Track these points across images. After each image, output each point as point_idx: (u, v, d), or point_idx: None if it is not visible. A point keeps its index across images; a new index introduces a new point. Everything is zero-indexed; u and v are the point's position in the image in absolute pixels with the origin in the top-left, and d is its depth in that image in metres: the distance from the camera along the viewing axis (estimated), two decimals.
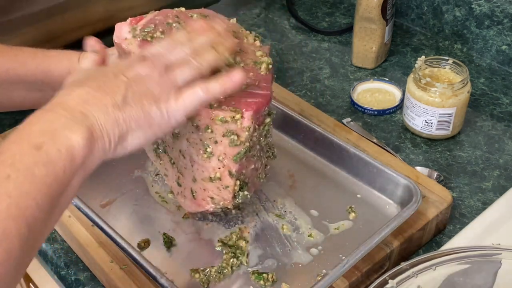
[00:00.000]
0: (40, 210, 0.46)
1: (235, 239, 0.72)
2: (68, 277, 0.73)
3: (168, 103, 0.55)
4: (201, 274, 0.68)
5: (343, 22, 1.20)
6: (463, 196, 0.82)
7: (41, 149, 0.47)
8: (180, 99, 0.56)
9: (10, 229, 0.43)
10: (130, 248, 0.66)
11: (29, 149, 0.47)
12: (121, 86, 0.54)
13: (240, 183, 0.67)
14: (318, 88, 1.03)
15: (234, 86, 0.58)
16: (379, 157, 0.80)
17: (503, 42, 1.03)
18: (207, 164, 0.65)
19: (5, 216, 0.43)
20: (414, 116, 0.89)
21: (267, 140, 0.71)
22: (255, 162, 0.68)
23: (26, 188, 0.45)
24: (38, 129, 0.49)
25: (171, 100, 0.56)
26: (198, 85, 0.57)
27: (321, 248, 0.72)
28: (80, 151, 0.49)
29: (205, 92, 0.57)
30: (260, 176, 0.71)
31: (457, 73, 0.89)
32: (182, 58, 0.58)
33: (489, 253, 0.60)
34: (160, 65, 0.57)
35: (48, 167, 0.47)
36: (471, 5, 1.05)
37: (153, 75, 0.55)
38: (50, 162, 0.47)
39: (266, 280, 0.67)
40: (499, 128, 0.93)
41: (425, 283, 0.59)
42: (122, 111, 0.53)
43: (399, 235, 0.70)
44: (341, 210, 0.76)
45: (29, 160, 0.46)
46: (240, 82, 0.58)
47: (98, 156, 0.51)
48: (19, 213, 0.44)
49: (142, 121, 0.54)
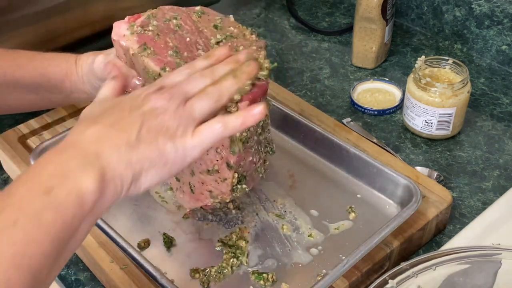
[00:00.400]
0: (46, 257, 0.44)
1: (235, 239, 0.72)
2: (68, 277, 0.73)
3: (184, 139, 0.52)
4: (201, 274, 0.68)
5: (343, 22, 1.21)
6: (463, 196, 0.82)
7: (50, 193, 0.45)
8: (197, 135, 0.53)
9: (14, 279, 0.42)
10: (130, 248, 0.66)
11: (38, 193, 0.45)
12: (135, 122, 0.51)
13: (238, 176, 0.67)
14: (318, 88, 1.03)
15: (255, 121, 0.55)
16: (379, 157, 0.80)
17: (503, 42, 1.03)
18: (204, 157, 0.65)
19: (10, 265, 0.42)
20: (414, 116, 0.89)
21: (265, 135, 0.71)
22: (253, 155, 0.68)
23: (33, 235, 0.43)
24: (49, 171, 0.47)
25: (188, 135, 0.52)
26: (217, 120, 0.54)
27: (321, 248, 0.72)
28: (90, 196, 0.47)
29: (224, 128, 0.54)
30: (259, 171, 0.71)
31: (457, 73, 0.89)
32: (202, 88, 0.55)
33: (489, 253, 0.60)
34: (179, 96, 0.54)
35: (56, 213, 0.45)
36: (471, 5, 1.05)
37: (170, 108, 0.52)
38: (59, 207, 0.45)
39: (266, 280, 0.67)
40: (499, 128, 0.93)
41: (425, 283, 0.59)
42: (136, 150, 0.50)
43: (399, 235, 0.70)
44: (341, 210, 0.76)
45: (38, 205, 0.44)
46: (261, 117, 0.55)
47: (109, 200, 0.49)
48: (24, 262, 0.42)
49: (156, 160, 0.51)
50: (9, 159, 0.83)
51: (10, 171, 0.85)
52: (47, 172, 0.47)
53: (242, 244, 0.72)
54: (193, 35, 0.68)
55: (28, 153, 0.81)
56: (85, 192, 0.46)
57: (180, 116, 0.52)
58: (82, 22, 1.00)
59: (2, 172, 0.87)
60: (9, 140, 0.86)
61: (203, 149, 0.53)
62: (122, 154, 0.49)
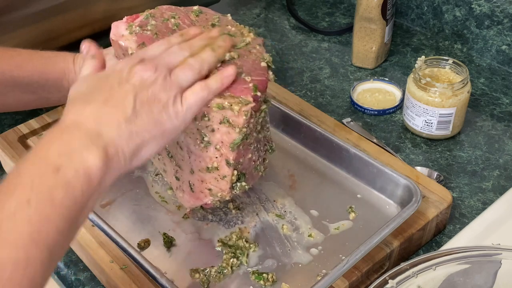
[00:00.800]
0: (60, 233, 0.46)
1: (235, 239, 0.72)
2: (68, 277, 0.73)
3: (176, 107, 0.56)
4: (201, 274, 0.68)
5: (343, 22, 1.21)
6: (463, 196, 0.82)
7: (59, 171, 0.47)
8: (186, 101, 0.57)
9: (33, 256, 0.44)
10: (130, 248, 0.66)
11: (47, 171, 0.47)
12: (128, 96, 0.54)
13: (238, 174, 0.67)
14: (318, 88, 1.03)
15: (230, 80, 0.61)
16: (379, 157, 0.80)
17: (503, 42, 1.03)
18: (204, 154, 0.65)
19: (28, 242, 0.43)
20: (414, 116, 0.89)
21: (265, 133, 0.71)
22: (252, 152, 0.68)
23: (47, 213, 0.45)
24: (55, 150, 0.49)
25: (178, 103, 0.56)
26: (199, 84, 0.58)
27: (321, 248, 0.72)
28: (97, 172, 0.49)
29: (206, 90, 0.58)
30: (258, 169, 0.71)
31: (457, 73, 0.89)
32: (182, 60, 0.59)
33: (489, 253, 0.60)
34: (163, 67, 0.57)
35: (67, 190, 0.47)
36: (471, 5, 1.05)
37: (158, 79, 0.56)
38: (69, 185, 0.47)
39: (266, 280, 0.67)
40: (499, 128, 0.93)
41: (425, 283, 0.59)
42: (134, 123, 0.53)
43: (399, 235, 0.70)
44: (341, 210, 0.76)
45: (48, 183, 0.46)
46: (233, 75, 0.61)
47: (114, 174, 0.52)
48: (41, 239, 0.44)
49: (154, 131, 0.54)
50: (9, 159, 0.83)
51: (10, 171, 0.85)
52: (53, 152, 0.48)
53: (242, 244, 0.72)
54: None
55: None
56: (92, 169, 0.48)
57: (169, 86, 0.56)
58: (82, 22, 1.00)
59: (2, 172, 0.87)
60: (9, 140, 0.86)
61: (193, 113, 0.58)
62: (122, 129, 0.52)
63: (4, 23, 0.90)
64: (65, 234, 0.47)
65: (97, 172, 0.49)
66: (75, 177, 0.47)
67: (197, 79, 0.59)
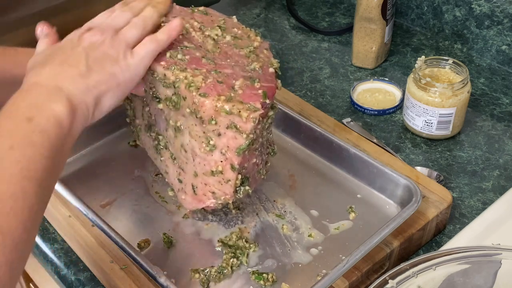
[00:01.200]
0: (46, 170, 0.51)
1: (235, 239, 0.72)
2: (68, 277, 0.73)
3: (126, 60, 0.61)
4: (201, 274, 0.68)
5: (343, 22, 1.21)
6: (463, 196, 0.82)
7: (32, 120, 0.52)
8: (136, 54, 0.62)
9: (28, 188, 0.49)
10: (130, 248, 0.66)
11: (21, 122, 0.52)
12: (81, 56, 0.59)
13: (242, 178, 0.67)
14: (318, 88, 1.03)
15: (177, 31, 0.65)
16: (379, 157, 0.80)
17: (503, 42, 1.03)
18: (209, 157, 0.65)
19: (21, 177, 0.49)
20: (414, 116, 0.89)
21: (268, 136, 0.71)
22: (257, 157, 0.68)
23: (30, 154, 0.51)
24: (25, 105, 0.54)
25: (128, 57, 0.61)
26: (148, 38, 0.63)
27: (321, 248, 0.72)
28: (65, 119, 0.55)
29: (155, 42, 0.63)
30: (261, 172, 0.71)
31: (457, 73, 0.89)
32: (126, 21, 0.64)
33: (489, 253, 0.60)
34: (109, 30, 0.62)
35: (43, 135, 0.52)
36: (471, 5, 1.05)
37: (105, 40, 0.61)
38: (44, 130, 0.52)
39: (266, 280, 0.67)
40: (499, 128, 0.93)
41: (425, 283, 0.59)
42: (89, 78, 0.58)
43: (399, 235, 0.70)
44: (341, 210, 0.76)
45: (26, 131, 0.52)
46: (180, 27, 0.65)
47: (81, 123, 0.57)
48: (31, 174, 0.50)
49: (110, 83, 0.60)
50: None
51: None
52: (22, 107, 0.54)
53: (242, 244, 0.72)
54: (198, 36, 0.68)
55: None
56: (60, 115, 0.54)
57: (117, 44, 0.61)
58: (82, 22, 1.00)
59: None
60: None
61: (145, 65, 0.63)
62: (78, 84, 0.57)
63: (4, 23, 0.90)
64: (50, 170, 0.52)
65: (65, 118, 0.55)
66: (47, 124, 0.53)
67: (143, 35, 0.63)
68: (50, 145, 0.53)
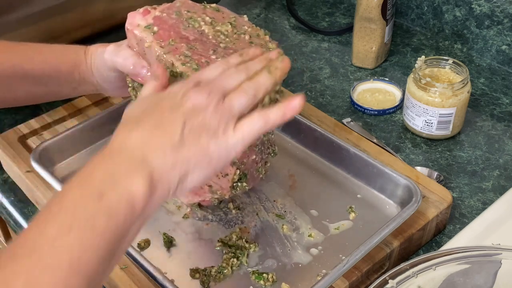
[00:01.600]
0: (101, 261, 0.45)
1: (235, 239, 0.72)
2: None
3: (226, 136, 0.53)
4: (201, 274, 0.68)
5: (343, 22, 1.21)
6: (463, 196, 0.82)
7: (102, 198, 0.46)
8: (239, 131, 0.53)
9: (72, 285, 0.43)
10: (130, 248, 0.66)
11: (90, 198, 0.46)
12: (178, 123, 0.51)
13: (240, 174, 0.67)
14: (318, 88, 1.03)
15: (295, 113, 0.56)
16: (379, 157, 0.80)
17: (503, 42, 1.03)
18: None
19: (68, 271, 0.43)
20: (414, 116, 0.89)
21: (269, 136, 0.71)
22: (256, 154, 0.68)
23: (88, 241, 0.44)
24: (99, 177, 0.48)
25: (229, 132, 0.53)
26: (258, 114, 0.54)
27: (321, 248, 0.72)
28: (140, 200, 0.48)
29: (265, 122, 0.54)
30: (259, 171, 0.71)
31: (457, 73, 0.89)
32: (238, 82, 0.56)
33: (489, 253, 0.60)
34: (217, 93, 0.54)
35: (109, 218, 0.46)
36: (471, 5, 1.05)
37: (210, 106, 0.53)
38: (111, 212, 0.46)
39: (266, 280, 0.68)
40: (499, 128, 0.93)
41: (425, 283, 0.59)
42: (180, 151, 0.51)
43: (399, 235, 0.70)
44: (341, 210, 0.76)
45: (91, 210, 0.46)
46: (300, 109, 0.56)
47: (158, 202, 0.50)
48: (81, 268, 0.44)
49: (201, 160, 0.52)
50: (9, 159, 0.83)
51: (10, 171, 0.85)
52: (97, 178, 0.47)
53: (242, 244, 0.72)
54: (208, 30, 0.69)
55: (28, 153, 0.81)
56: (135, 196, 0.47)
57: (220, 113, 0.53)
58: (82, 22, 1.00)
59: (2, 172, 0.87)
60: (9, 140, 0.86)
61: (245, 144, 0.54)
62: (167, 157, 0.50)
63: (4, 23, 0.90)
64: (105, 263, 0.46)
65: (140, 199, 0.48)
66: (118, 205, 0.46)
67: (252, 105, 0.55)
68: (113, 232, 0.46)
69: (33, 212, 0.81)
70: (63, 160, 0.84)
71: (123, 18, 0.70)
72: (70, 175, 0.81)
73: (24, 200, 0.83)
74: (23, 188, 0.83)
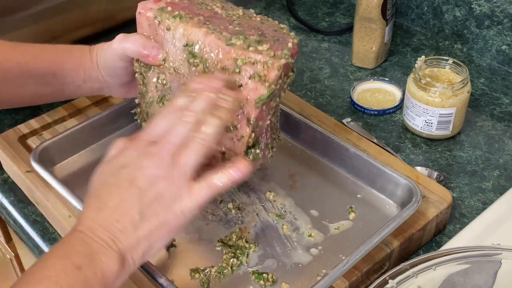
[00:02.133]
0: None
1: (235, 239, 0.72)
2: None
3: (182, 203, 0.56)
4: (201, 274, 0.68)
5: (343, 22, 1.21)
6: (463, 196, 0.82)
7: (81, 270, 0.52)
8: (193, 195, 0.56)
9: None
10: None
11: (71, 268, 0.52)
12: (135, 200, 0.55)
13: (254, 139, 0.67)
14: (318, 88, 1.03)
15: (242, 177, 0.59)
16: (379, 157, 0.80)
17: (503, 42, 1.03)
18: None
19: None
20: (414, 116, 0.89)
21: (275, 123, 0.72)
22: (268, 126, 0.68)
23: None
24: (79, 250, 0.54)
25: (184, 198, 0.56)
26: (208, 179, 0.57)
27: (321, 248, 0.72)
28: (112, 276, 0.54)
29: (215, 188, 0.57)
30: (269, 147, 0.72)
31: (457, 73, 0.89)
32: (186, 136, 0.57)
33: (489, 253, 0.60)
34: (167, 156, 0.56)
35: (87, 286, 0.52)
36: (471, 5, 1.05)
37: (161, 173, 0.56)
38: (88, 283, 0.52)
39: (266, 280, 0.68)
40: (499, 128, 0.93)
41: (425, 283, 0.59)
42: (141, 229, 0.55)
43: (399, 235, 0.70)
44: (341, 210, 0.76)
45: (71, 280, 0.51)
46: (247, 173, 0.59)
47: (125, 276, 0.56)
48: None
49: (161, 231, 0.56)
50: (9, 159, 0.83)
51: (10, 171, 0.85)
52: (77, 251, 0.53)
53: (242, 244, 0.72)
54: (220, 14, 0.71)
55: (28, 153, 0.81)
56: (108, 273, 0.53)
57: (173, 180, 0.56)
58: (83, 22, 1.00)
59: (2, 172, 0.87)
60: (9, 140, 0.86)
61: (200, 207, 0.57)
62: (131, 237, 0.55)
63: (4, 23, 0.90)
64: None
65: (112, 276, 0.54)
66: (93, 278, 0.52)
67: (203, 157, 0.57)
68: None
69: (33, 212, 0.81)
70: (63, 160, 0.83)
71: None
72: (70, 175, 0.82)
73: (24, 200, 0.83)
74: (23, 188, 0.83)
